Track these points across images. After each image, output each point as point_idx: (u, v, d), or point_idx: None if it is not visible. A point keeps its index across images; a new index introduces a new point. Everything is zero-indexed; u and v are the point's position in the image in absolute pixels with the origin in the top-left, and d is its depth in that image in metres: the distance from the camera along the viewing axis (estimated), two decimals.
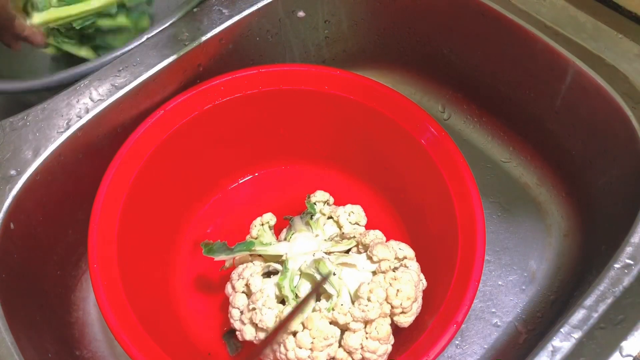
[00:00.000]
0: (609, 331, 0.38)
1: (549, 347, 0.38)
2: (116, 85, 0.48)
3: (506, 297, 0.54)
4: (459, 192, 0.47)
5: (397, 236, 0.51)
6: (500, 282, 0.55)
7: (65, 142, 0.46)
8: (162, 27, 0.51)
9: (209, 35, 0.51)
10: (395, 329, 0.44)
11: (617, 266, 0.40)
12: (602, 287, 0.39)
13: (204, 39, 0.51)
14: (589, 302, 0.39)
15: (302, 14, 0.58)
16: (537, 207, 0.58)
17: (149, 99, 0.50)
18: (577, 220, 0.56)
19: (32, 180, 0.45)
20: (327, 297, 0.44)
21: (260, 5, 0.53)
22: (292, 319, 0.41)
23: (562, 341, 0.38)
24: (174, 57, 0.50)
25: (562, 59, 0.49)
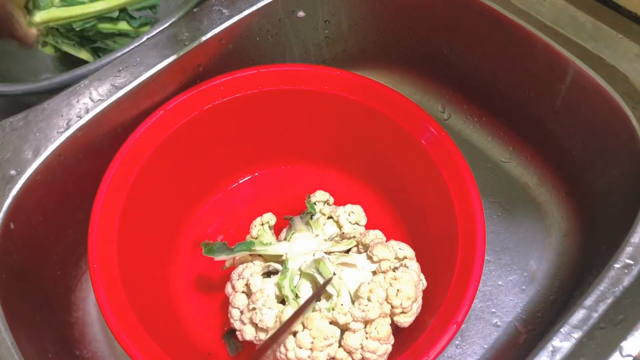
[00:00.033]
0: (609, 331, 0.38)
1: (549, 347, 0.38)
2: (116, 85, 0.48)
3: (506, 297, 0.54)
4: (459, 192, 0.47)
5: (397, 236, 0.51)
6: (500, 282, 0.55)
7: (65, 142, 0.46)
8: (162, 27, 0.51)
9: (209, 35, 0.51)
10: (395, 329, 0.44)
11: (617, 266, 0.40)
12: (602, 287, 0.39)
13: (204, 39, 0.51)
14: (589, 302, 0.39)
15: (302, 14, 0.58)
16: (537, 207, 0.58)
17: (149, 99, 0.50)
18: (577, 220, 0.56)
19: (32, 180, 0.45)
20: (327, 297, 0.44)
21: (260, 5, 0.53)
22: (294, 321, 0.41)
23: (562, 341, 0.38)
24: (174, 57, 0.50)
25: (562, 59, 0.49)
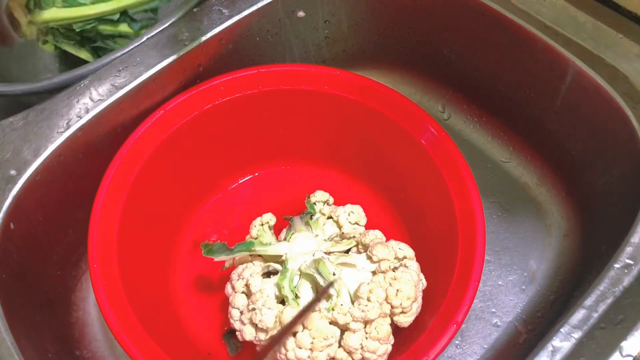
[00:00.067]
0: (609, 331, 0.38)
1: (549, 347, 0.38)
2: (116, 85, 0.48)
3: (506, 297, 0.54)
4: (459, 192, 0.47)
5: (397, 236, 0.51)
6: (500, 282, 0.55)
7: (65, 142, 0.46)
8: (162, 27, 0.51)
9: (209, 35, 0.51)
10: (395, 329, 0.44)
11: (617, 266, 0.40)
12: (602, 287, 0.39)
13: (204, 39, 0.51)
14: (589, 302, 0.39)
15: (302, 14, 0.58)
16: (537, 207, 0.58)
17: (149, 99, 0.50)
18: (577, 220, 0.56)
19: (32, 180, 0.45)
20: (327, 297, 0.44)
21: (260, 5, 0.53)
22: (294, 325, 0.41)
23: (562, 341, 0.38)
24: (174, 57, 0.50)
25: (562, 59, 0.49)
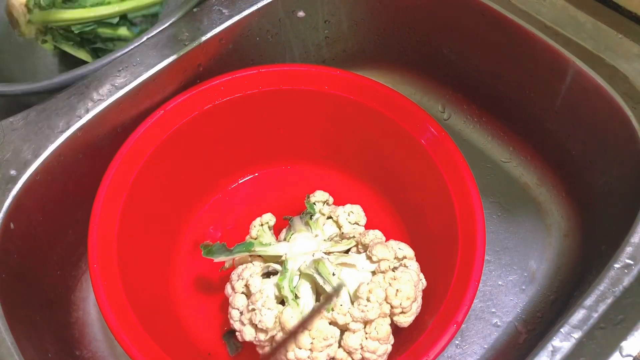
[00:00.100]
0: (609, 331, 0.38)
1: (549, 347, 0.38)
2: (116, 85, 0.48)
3: (506, 297, 0.54)
4: (459, 192, 0.47)
5: (397, 236, 0.51)
6: (500, 282, 0.55)
7: (65, 142, 0.46)
8: (162, 27, 0.51)
9: (209, 35, 0.51)
10: (395, 329, 0.44)
11: (617, 266, 0.40)
12: (602, 287, 0.39)
13: (204, 39, 0.51)
14: (589, 302, 0.39)
15: (302, 14, 0.58)
16: (537, 207, 0.58)
17: (149, 99, 0.50)
18: (577, 220, 0.56)
19: (32, 180, 0.45)
20: (326, 297, 0.44)
21: (260, 5, 0.53)
22: (298, 330, 0.41)
23: (562, 341, 0.38)
24: (174, 57, 0.50)
25: (562, 59, 0.49)
